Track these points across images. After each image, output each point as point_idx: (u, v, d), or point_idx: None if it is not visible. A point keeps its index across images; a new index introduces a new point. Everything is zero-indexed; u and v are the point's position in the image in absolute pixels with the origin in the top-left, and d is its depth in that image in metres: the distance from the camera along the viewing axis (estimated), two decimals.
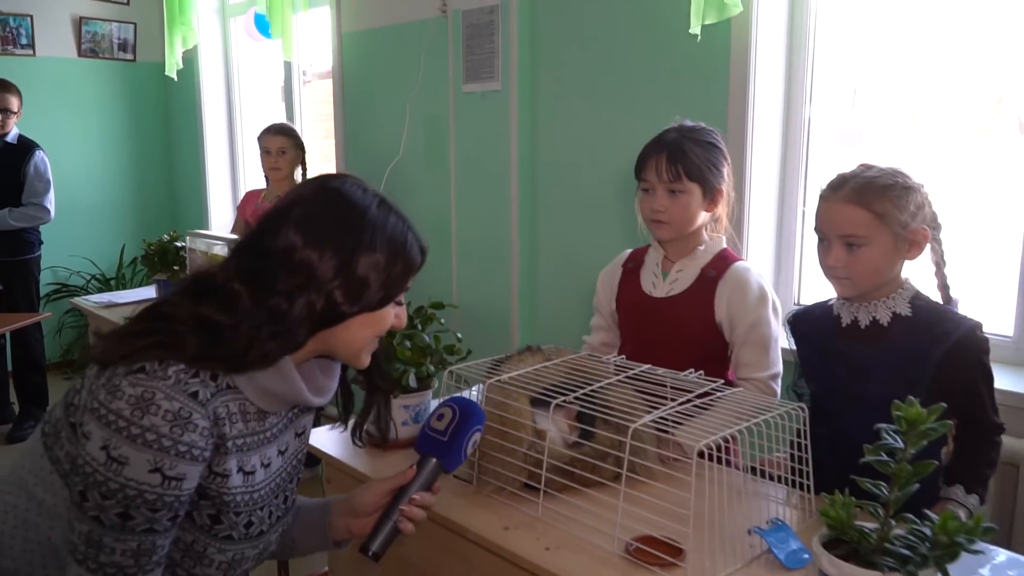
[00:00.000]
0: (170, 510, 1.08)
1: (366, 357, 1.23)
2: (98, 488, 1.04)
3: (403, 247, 1.18)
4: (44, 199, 4.06)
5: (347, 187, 1.18)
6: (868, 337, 1.53)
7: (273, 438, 1.23)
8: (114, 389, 1.05)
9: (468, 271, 3.36)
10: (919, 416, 0.97)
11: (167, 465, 1.05)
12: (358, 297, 1.14)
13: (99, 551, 1.06)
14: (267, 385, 1.15)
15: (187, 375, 1.08)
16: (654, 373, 1.53)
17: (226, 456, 1.13)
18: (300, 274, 1.11)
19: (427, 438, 1.29)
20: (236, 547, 1.20)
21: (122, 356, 1.07)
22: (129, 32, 5.15)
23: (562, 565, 1.25)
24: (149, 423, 1.03)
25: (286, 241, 1.12)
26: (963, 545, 0.92)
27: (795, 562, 1.23)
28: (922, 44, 2.33)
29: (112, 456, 1.03)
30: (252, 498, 1.20)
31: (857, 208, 1.47)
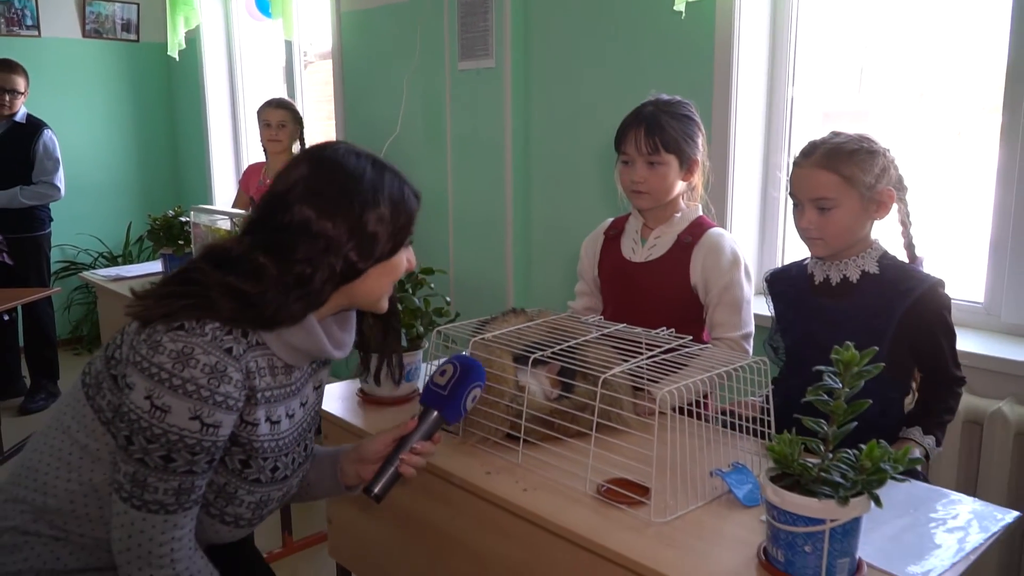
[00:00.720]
0: (207, 454, 1.19)
1: (385, 303, 1.36)
2: (143, 433, 1.15)
3: (402, 198, 1.30)
4: (54, 177, 4.15)
5: (341, 155, 1.29)
6: (839, 293, 1.64)
7: (297, 391, 1.35)
8: (156, 344, 1.15)
9: (464, 241, 3.46)
10: (853, 358, 1.06)
11: (205, 413, 1.16)
12: (371, 252, 1.26)
13: (144, 490, 1.17)
14: (293, 341, 1.26)
15: (222, 332, 1.19)
16: (630, 331, 1.63)
17: (256, 407, 1.24)
18: (318, 243, 1.22)
19: (430, 392, 1.39)
20: (263, 489, 1.33)
21: (162, 315, 1.18)
22: (132, 12, 5.23)
23: (538, 504, 1.35)
24: (189, 375, 1.14)
25: (300, 216, 1.22)
26: (888, 472, 1.02)
27: (751, 500, 1.33)
28: (928, 22, 2.36)
29: (156, 404, 1.14)
30: (278, 445, 1.31)
31: (826, 172, 1.57)
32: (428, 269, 1.90)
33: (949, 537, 1.26)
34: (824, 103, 2.61)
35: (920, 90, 2.44)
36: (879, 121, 2.54)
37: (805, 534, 1.07)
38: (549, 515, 1.31)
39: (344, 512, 1.87)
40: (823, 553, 1.07)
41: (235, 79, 5.16)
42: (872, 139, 1.62)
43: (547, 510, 1.33)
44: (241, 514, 1.32)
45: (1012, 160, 2.12)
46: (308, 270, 1.22)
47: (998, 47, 2.14)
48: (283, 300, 1.21)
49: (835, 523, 1.06)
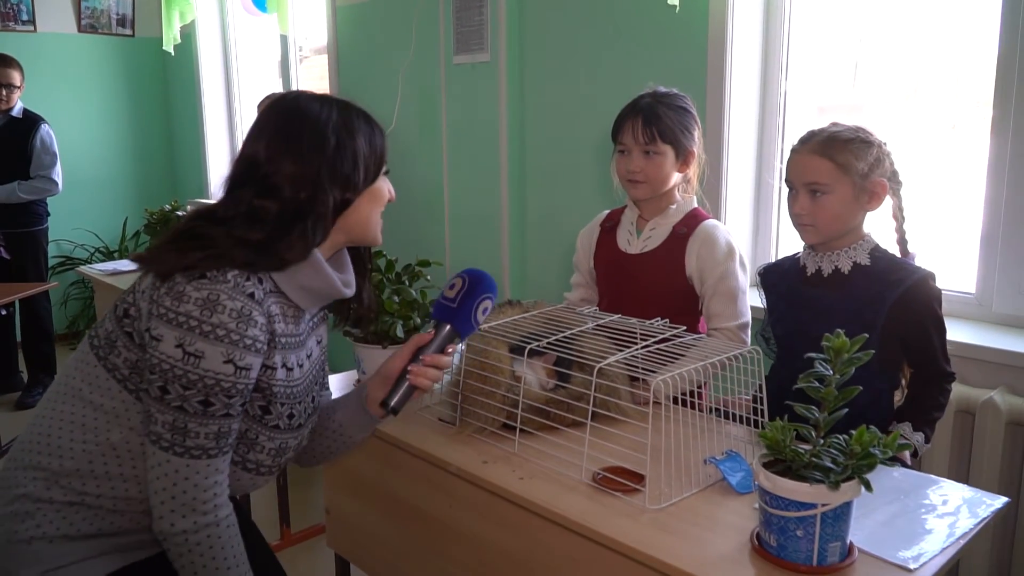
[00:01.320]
0: (241, 396, 1.25)
1: (379, 233, 1.43)
2: (178, 381, 1.20)
3: (370, 131, 1.37)
4: (52, 171, 4.15)
5: (303, 102, 1.35)
6: (830, 284, 1.66)
7: (303, 343, 1.40)
8: (180, 295, 1.20)
9: (460, 234, 3.47)
10: (844, 346, 1.08)
11: (237, 356, 1.22)
12: (355, 182, 1.33)
13: (185, 436, 1.22)
14: (305, 282, 1.32)
15: (242, 278, 1.24)
16: (625, 322, 1.64)
17: (274, 351, 1.30)
18: (307, 187, 1.29)
19: (440, 306, 1.43)
20: (281, 436, 1.37)
21: (183, 267, 1.22)
22: (128, 7, 5.23)
23: (534, 492, 1.37)
24: (218, 320, 1.20)
25: (282, 162, 1.28)
26: (876, 456, 1.03)
27: (745, 487, 1.35)
28: (922, 17, 2.37)
29: (188, 352, 1.19)
30: (293, 392, 1.36)
31: (821, 159, 1.60)
32: (424, 261, 1.91)
33: (940, 523, 1.28)
34: (819, 97, 2.63)
35: (914, 84, 2.45)
36: (873, 115, 2.55)
37: (797, 518, 1.09)
38: (545, 503, 1.33)
39: (342, 502, 1.89)
40: (815, 537, 1.09)
41: (231, 73, 5.16)
42: (869, 131, 1.64)
43: (543, 498, 1.34)
44: (262, 460, 1.37)
45: (1003, 153, 2.13)
46: (303, 196, 1.28)
47: (991, 41, 2.15)
48: (288, 236, 1.27)
49: (826, 507, 1.08)
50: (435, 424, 1.65)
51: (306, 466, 1.59)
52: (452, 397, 1.64)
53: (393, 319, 1.78)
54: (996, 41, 2.11)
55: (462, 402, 1.60)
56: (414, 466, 1.60)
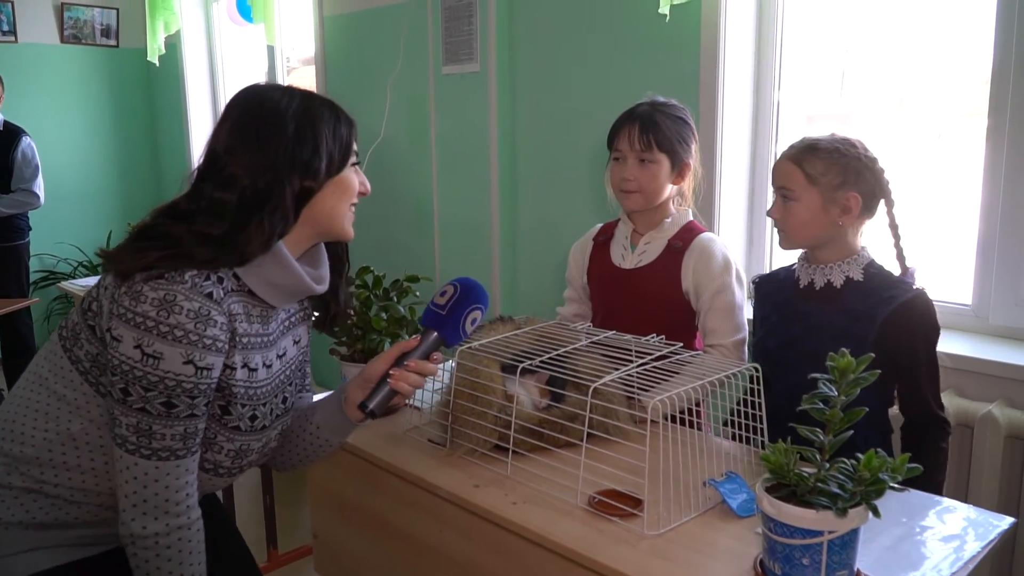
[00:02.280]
0: (204, 396, 1.23)
1: (349, 226, 1.39)
2: (139, 382, 1.18)
3: (336, 117, 1.34)
4: (33, 184, 4.09)
5: (266, 91, 1.33)
6: (822, 298, 1.63)
7: (274, 342, 1.37)
8: (137, 295, 1.18)
9: (450, 248, 3.43)
10: (849, 365, 1.04)
11: (197, 357, 1.19)
12: (316, 170, 1.29)
13: (151, 439, 1.20)
14: (271, 278, 1.29)
15: (201, 279, 1.21)
16: (620, 339, 1.60)
17: (234, 350, 1.27)
18: (266, 168, 1.25)
19: (430, 312, 1.40)
20: (243, 438, 1.34)
21: (141, 267, 1.20)
22: (111, 18, 5.17)
23: (527, 518, 1.32)
24: (175, 321, 1.17)
25: (239, 154, 1.26)
26: (886, 481, 0.99)
27: (746, 510, 1.30)
28: (909, 27, 2.37)
29: (147, 353, 1.17)
30: (256, 393, 1.33)
31: (793, 165, 1.62)
32: (413, 277, 1.87)
33: (946, 547, 1.24)
34: (807, 107, 2.61)
35: (901, 94, 2.45)
36: (860, 125, 2.54)
37: (803, 546, 1.05)
38: (539, 529, 1.28)
39: (329, 526, 1.83)
40: (821, 566, 1.05)
41: (216, 85, 5.11)
42: (855, 144, 1.61)
43: (537, 523, 1.30)
44: (220, 461, 1.34)
45: (998, 162, 2.11)
46: (261, 185, 1.25)
47: (978, 51, 2.14)
48: (249, 227, 1.24)
49: (833, 535, 1.04)
50: (424, 446, 1.60)
51: (283, 471, 1.55)
52: (442, 418, 1.59)
53: (381, 337, 1.74)
54: (991, 49, 2.09)
55: (452, 423, 1.55)
56: (403, 489, 1.55)
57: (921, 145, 2.39)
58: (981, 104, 2.14)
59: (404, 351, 1.38)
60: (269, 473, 2.72)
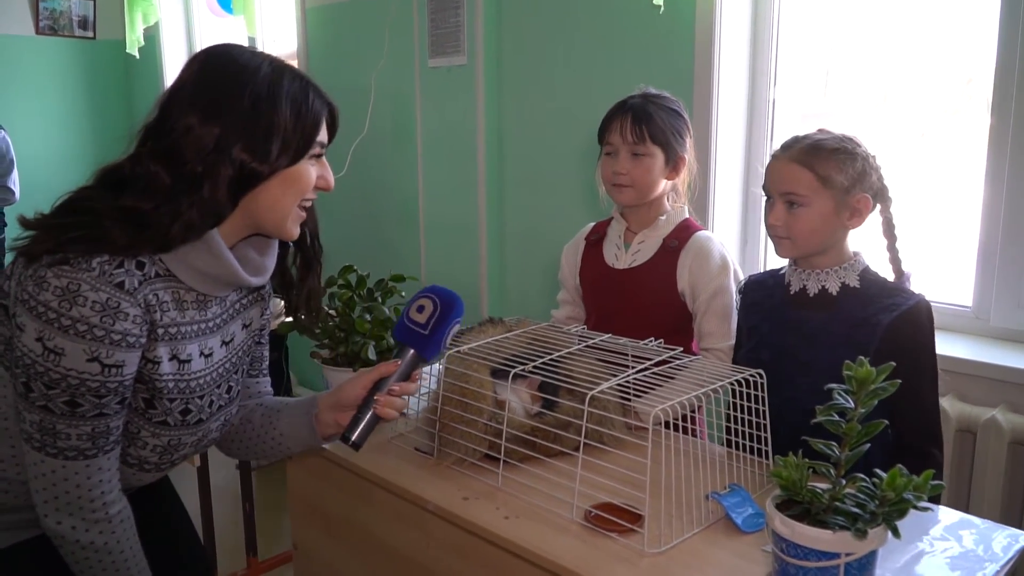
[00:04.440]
0: (115, 395, 1.12)
1: (293, 226, 1.25)
2: (40, 379, 1.08)
3: (305, 99, 1.20)
4: (8, 180, 3.99)
5: (234, 52, 1.20)
6: (817, 305, 1.54)
7: (216, 328, 1.26)
8: (40, 280, 1.07)
9: (436, 246, 3.35)
10: (868, 375, 0.97)
11: (104, 354, 1.08)
12: (267, 154, 1.16)
13: (55, 437, 1.10)
14: (199, 266, 1.17)
15: (111, 266, 1.10)
16: (615, 342, 1.53)
17: (156, 343, 1.16)
18: (206, 142, 1.13)
19: (406, 329, 1.31)
20: (172, 433, 1.23)
21: (48, 249, 1.08)
22: (88, 8, 5.03)
23: (520, 534, 1.24)
24: (78, 314, 1.06)
25: (188, 116, 1.14)
26: (911, 501, 0.93)
27: (751, 525, 1.23)
28: (893, 26, 2.33)
29: (48, 347, 1.06)
30: (189, 386, 1.22)
31: (801, 168, 1.49)
32: (399, 276, 1.79)
33: (965, 564, 1.17)
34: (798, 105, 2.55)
35: (884, 92, 2.41)
36: (843, 123, 2.49)
37: (818, 569, 0.98)
38: (534, 546, 1.20)
39: (310, 538, 1.75)
40: None
41: None
42: (857, 141, 1.53)
43: (531, 540, 1.22)
44: (146, 457, 1.24)
45: (1001, 163, 2.06)
46: (199, 169, 1.13)
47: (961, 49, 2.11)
48: (176, 210, 1.12)
49: (851, 557, 0.97)
50: (410, 454, 1.52)
51: (234, 457, 1.47)
52: (429, 425, 1.51)
53: (364, 339, 1.65)
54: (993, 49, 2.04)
55: (440, 430, 1.47)
56: (387, 501, 1.47)
57: (904, 144, 2.36)
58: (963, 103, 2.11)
59: (383, 376, 1.30)
60: (248, 479, 2.64)
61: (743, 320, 1.69)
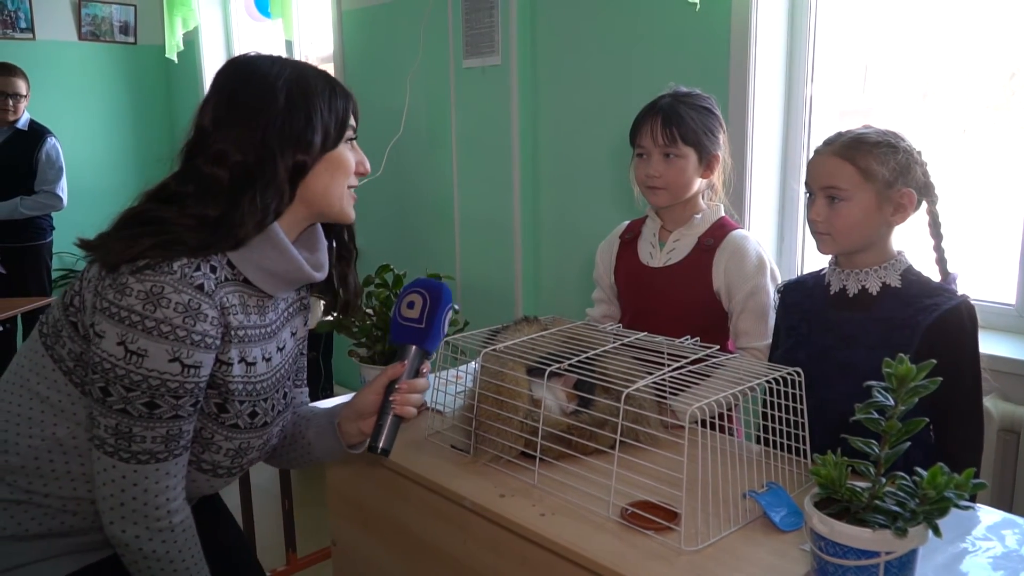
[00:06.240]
0: (191, 396, 1.15)
1: (349, 207, 1.32)
2: (120, 382, 1.10)
3: (331, 91, 1.26)
4: (56, 187, 4.06)
5: (255, 60, 1.26)
6: (856, 305, 1.52)
7: (273, 334, 1.30)
8: (122, 287, 1.10)
9: (471, 246, 3.36)
10: (908, 373, 0.96)
11: (185, 354, 1.12)
12: (309, 144, 1.22)
13: (130, 441, 1.13)
14: (267, 264, 1.22)
15: (191, 269, 1.14)
16: (651, 340, 1.53)
17: (229, 344, 1.20)
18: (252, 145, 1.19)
19: (401, 328, 1.34)
20: (242, 436, 1.27)
21: (126, 258, 1.12)
22: (130, 14, 5.14)
23: (557, 531, 1.25)
24: (163, 315, 1.10)
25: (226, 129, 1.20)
26: (952, 500, 0.92)
27: (789, 524, 1.23)
28: (934, 21, 2.30)
29: (130, 350, 1.09)
30: (255, 388, 1.26)
31: (842, 162, 1.47)
32: (435, 275, 1.80)
33: (1008, 564, 1.15)
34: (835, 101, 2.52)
35: (924, 88, 2.37)
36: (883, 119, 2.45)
37: (857, 568, 0.97)
38: (571, 543, 1.21)
39: (349, 535, 1.77)
40: None
41: None
42: (902, 136, 1.50)
43: (568, 538, 1.22)
44: (219, 461, 1.27)
45: None
46: (253, 166, 1.18)
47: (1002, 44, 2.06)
48: (242, 205, 1.17)
49: (891, 556, 0.96)
50: (447, 452, 1.53)
51: (271, 465, 1.50)
52: (465, 423, 1.52)
53: None
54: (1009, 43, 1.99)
55: (476, 428, 1.49)
56: (425, 498, 1.49)
57: (946, 140, 2.32)
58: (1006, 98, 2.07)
59: (392, 378, 1.32)
60: (287, 476, 2.67)
61: (781, 320, 1.67)
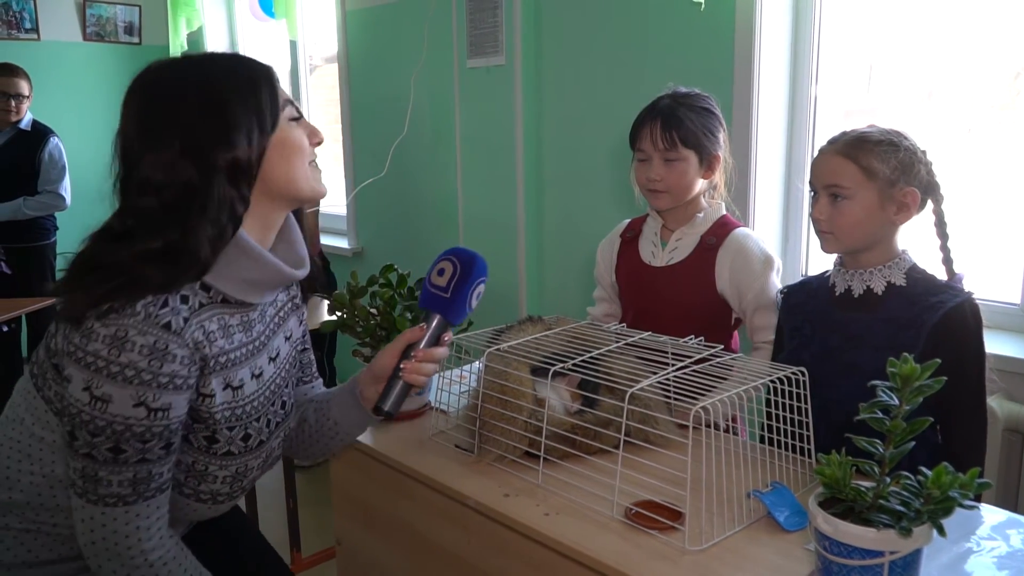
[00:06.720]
0: (160, 439, 1.12)
1: (318, 184, 1.25)
2: (86, 427, 1.08)
3: (246, 73, 1.18)
4: (59, 187, 4.07)
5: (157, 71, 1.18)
6: (862, 306, 1.52)
7: (262, 347, 1.27)
8: (88, 332, 1.07)
9: (475, 246, 3.30)
10: (913, 372, 0.96)
11: (151, 398, 1.08)
12: (242, 139, 1.14)
13: (96, 484, 1.11)
14: (243, 274, 1.17)
15: (156, 307, 1.09)
16: (655, 340, 1.53)
17: (208, 376, 1.16)
18: (178, 160, 1.11)
19: (429, 294, 1.30)
20: (238, 460, 1.25)
21: (90, 305, 1.08)
22: (134, 15, 5.15)
23: (561, 530, 1.25)
24: (127, 359, 1.06)
25: (148, 153, 1.12)
26: (956, 499, 0.92)
27: (794, 524, 1.23)
28: (938, 21, 2.30)
29: (95, 395, 1.07)
30: (245, 411, 1.23)
31: (845, 160, 1.47)
32: None
33: (1012, 563, 1.15)
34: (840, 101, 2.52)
35: (929, 88, 2.37)
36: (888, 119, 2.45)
37: (861, 568, 0.97)
38: (574, 543, 1.21)
39: (353, 534, 1.77)
40: None
41: None
42: (906, 136, 1.50)
43: (572, 537, 1.22)
44: (217, 490, 1.25)
45: None
46: (191, 183, 1.10)
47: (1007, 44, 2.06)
48: (191, 229, 1.10)
49: (895, 555, 0.96)
50: (451, 452, 1.54)
51: (306, 461, 1.48)
52: (469, 422, 1.52)
53: None
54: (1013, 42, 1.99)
55: (480, 428, 1.49)
56: (429, 498, 1.49)
57: (951, 140, 2.32)
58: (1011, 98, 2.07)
59: (410, 342, 1.30)
60: (292, 476, 2.68)
61: (785, 321, 1.66)
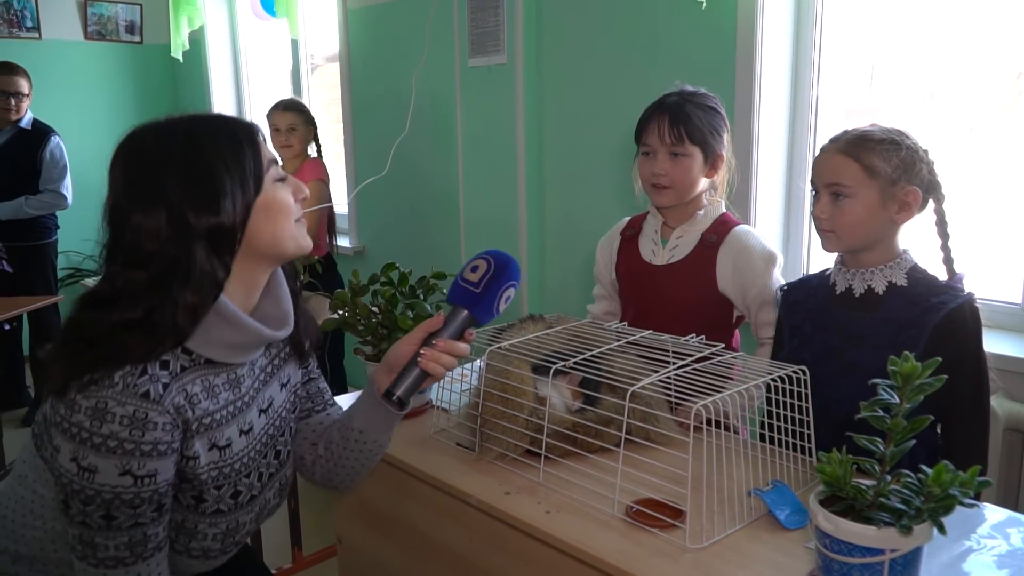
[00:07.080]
0: (151, 503, 1.12)
1: (304, 239, 1.22)
2: (77, 496, 1.10)
3: (231, 135, 1.16)
4: (60, 185, 4.06)
5: (142, 134, 1.18)
6: (862, 305, 1.52)
7: (251, 402, 1.25)
8: (71, 403, 1.08)
9: (476, 244, 3.36)
10: (914, 370, 0.96)
11: (135, 466, 1.09)
12: (225, 207, 1.12)
13: (95, 549, 1.12)
14: (224, 339, 1.16)
15: (134, 377, 1.09)
16: (656, 338, 1.53)
17: (192, 439, 1.16)
18: (161, 228, 1.10)
19: (460, 289, 1.28)
20: (228, 518, 1.24)
21: (73, 377, 1.09)
22: (135, 13, 5.15)
23: (561, 528, 1.25)
24: (108, 431, 1.07)
25: (132, 219, 1.11)
26: (957, 497, 0.92)
27: (794, 522, 1.23)
28: (940, 21, 2.30)
29: (82, 466, 1.08)
30: (234, 468, 1.23)
31: (846, 159, 1.47)
32: (440, 274, 1.80)
33: (1012, 561, 1.16)
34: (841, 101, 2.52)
35: (931, 88, 2.37)
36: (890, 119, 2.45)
37: (862, 565, 0.97)
38: (575, 540, 1.21)
39: (354, 532, 1.78)
40: None
41: (241, 80, 5.08)
42: (908, 135, 1.50)
43: (573, 535, 1.23)
44: (208, 547, 1.25)
45: None
46: (170, 252, 1.10)
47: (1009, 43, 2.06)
48: (171, 299, 1.09)
49: (895, 553, 0.96)
50: (452, 450, 1.54)
51: (344, 485, 1.42)
52: (471, 420, 1.52)
53: None
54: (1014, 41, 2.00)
55: (482, 426, 1.49)
56: (430, 495, 1.49)
57: (952, 139, 2.32)
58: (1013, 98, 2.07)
59: (429, 331, 1.26)
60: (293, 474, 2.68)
61: (785, 319, 1.66)
